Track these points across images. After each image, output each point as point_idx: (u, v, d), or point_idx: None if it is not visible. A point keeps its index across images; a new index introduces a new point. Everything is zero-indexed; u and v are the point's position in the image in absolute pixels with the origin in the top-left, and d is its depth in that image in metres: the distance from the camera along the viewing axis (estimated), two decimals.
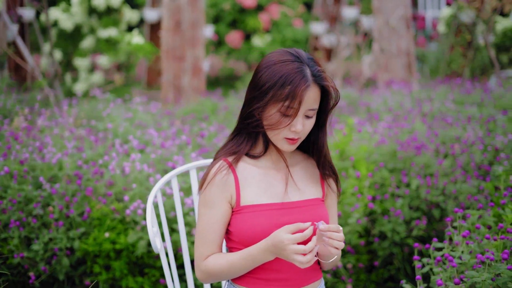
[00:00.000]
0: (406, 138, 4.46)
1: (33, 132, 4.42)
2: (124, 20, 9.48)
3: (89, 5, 9.32)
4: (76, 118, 5.31)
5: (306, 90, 2.17)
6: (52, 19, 9.29)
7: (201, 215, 2.29)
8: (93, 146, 4.25)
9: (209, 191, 2.27)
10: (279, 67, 2.19)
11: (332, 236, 2.13)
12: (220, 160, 2.31)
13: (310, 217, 2.27)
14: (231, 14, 10.65)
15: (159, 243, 2.42)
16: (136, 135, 4.50)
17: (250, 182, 2.29)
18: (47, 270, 3.61)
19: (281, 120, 2.20)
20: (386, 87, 7.25)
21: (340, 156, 4.07)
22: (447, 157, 4.36)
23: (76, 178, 3.81)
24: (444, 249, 2.79)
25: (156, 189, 2.49)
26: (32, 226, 3.65)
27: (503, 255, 2.50)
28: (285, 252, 2.09)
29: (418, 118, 5.13)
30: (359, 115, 5.59)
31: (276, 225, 2.22)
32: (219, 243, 2.29)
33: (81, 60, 9.36)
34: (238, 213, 2.27)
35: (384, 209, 3.95)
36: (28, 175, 3.79)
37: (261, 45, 10.47)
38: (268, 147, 2.35)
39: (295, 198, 2.32)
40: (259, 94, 2.21)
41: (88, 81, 9.36)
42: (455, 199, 4.01)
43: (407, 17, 7.85)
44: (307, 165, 2.41)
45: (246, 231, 2.24)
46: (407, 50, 7.85)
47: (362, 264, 3.85)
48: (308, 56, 2.24)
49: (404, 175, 4.05)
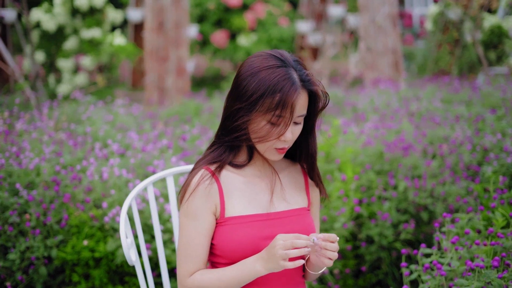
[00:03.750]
0: (393, 138, 4.36)
1: (10, 137, 4.30)
2: (107, 21, 9.34)
3: (72, 6, 9.18)
4: (57, 121, 5.18)
5: (297, 97, 2.05)
6: (34, 20, 9.14)
7: (184, 228, 2.14)
8: (72, 151, 4.13)
9: (192, 201, 2.13)
10: (265, 75, 2.05)
11: (327, 246, 2.01)
12: (202, 169, 2.17)
13: (296, 228, 2.15)
14: (216, 14, 10.54)
15: (134, 255, 2.31)
16: (117, 139, 4.38)
17: (234, 192, 2.16)
18: (24, 280, 3.49)
19: (271, 131, 2.07)
20: (373, 86, 7.15)
21: (326, 158, 3.97)
22: (435, 157, 4.27)
23: (54, 184, 3.69)
24: (433, 256, 2.69)
25: (130, 198, 2.37)
26: (8, 234, 3.52)
27: (493, 262, 2.40)
28: (275, 256, 1.95)
29: (405, 118, 5.04)
30: (345, 115, 5.49)
31: (261, 237, 2.11)
32: (205, 258, 2.15)
33: (65, 61, 9.22)
34: (222, 225, 2.14)
35: (371, 212, 3.86)
36: (5, 182, 3.67)
37: (246, 44, 10.36)
38: (253, 156, 2.22)
39: (280, 208, 2.19)
40: (247, 106, 2.06)
41: (72, 83, 9.22)
42: (444, 201, 3.92)
43: (393, 14, 7.76)
44: (291, 172, 2.29)
45: (230, 244, 2.11)
46: (394, 48, 7.77)
47: (349, 269, 3.75)
48: (293, 58, 2.11)
49: (391, 177, 3.95)
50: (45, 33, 9.30)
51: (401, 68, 7.72)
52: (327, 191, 3.84)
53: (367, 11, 7.70)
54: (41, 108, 5.56)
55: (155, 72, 7.51)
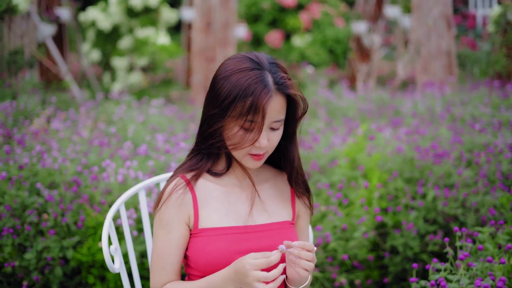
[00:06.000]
0: (427, 145, 4.17)
1: (41, 136, 4.32)
2: (162, 20, 9.38)
3: (127, 5, 9.25)
4: (94, 120, 5.20)
5: (269, 101, 1.92)
6: (90, 18, 9.26)
7: (157, 238, 2.06)
8: (99, 151, 4.11)
9: (165, 211, 2.04)
10: (237, 78, 1.93)
11: (301, 254, 1.88)
12: (177, 177, 2.07)
13: (276, 243, 2.00)
14: (271, 14, 10.44)
15: (118, 262, 2.24)
16: (146, 140, 4.35)
17: (211, 202, 2.05)
18: (39, 280, 3.49)
19: (245, 137, 1.95)
20: (424, 90, 6.93)
21: (351, 165, 3.83)
22: (471, 166, 4.06)
23: (74, 185, 3.68)
24: (441, 272, 2.54)
25: (117, 205, 2.31)
26: (26, 233, 3.53)
27: (498, 283, 2.24)
28: (247, 279, 1.84)
29: (447, 123, 4.83)
30: (383, 119, 5.31)
31: (236, 251, 1.98)
32: (177, 269, 2.06)
33: (119, 60, 9.30)
34: (196, 237, 2.03)
35: (397, 221, 3.70)
36: (27, 181, 3.68)
37: (301, 45, 10.23)
38: (231, 164, 2.10)
39: (260, 220, 2.07)
40: (220, 111, 1.96)
41: (126, 81, 9.29)
42: (476, 212, 3.73)
43: (448, 15, 7.51)
44: (277, 183, 2.16)
45: (203, 257, 2.00)
46: (448, 50, 7.51)
47: (371, 280, 3.60)
48: (270, 60, 1.99)
49: (420, 185, 3.78)
50: (100, 32, 9.40)
51: (455, 71, 7.46)
52: (350, 199, 3.71)
53: (421, 11, 7.47)
54: (79, 107, 5.59)
55: (201, 73, 7.48)
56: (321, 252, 3.40)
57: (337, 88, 6.69)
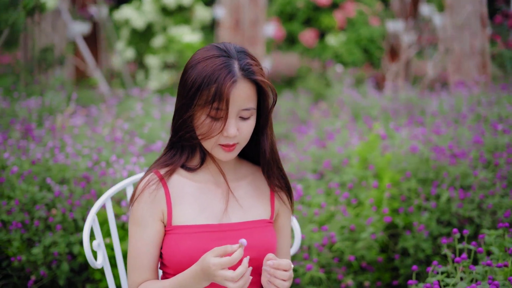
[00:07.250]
0: (444, 145, 4.05)
1: (58, 132, 4.34)
2: (195, 19, 9.40)
3: (160, 4, 9.29)
4: (115, 117, 5.20)
5: (232, 86, 1.87)
6: (124, 17, 9.32)
7: (132, 235, 2.02)
8: (112, 147, 4.11)
9: (138, 208, 2.00)
10: (202, 66, 1.90)
11: (276, 274, 1.85)
12: (151, 173, 2.03)
13: (252, 241, 1.95)
14: (305, 12, 10.37)
15: (101, 258, 2.22)
16: (161, 137, 4.34)
17: (184, 198, 2.00)
18: (46, 275, 3.49)
19: (213, 126, 1.90)
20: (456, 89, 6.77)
21: (362, 164, 3.75)
22: (489, 167, 3.93)
23: (84, 180, 3.68)
24: (438, 275, 2.46)
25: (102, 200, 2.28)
26: (35, 228, 3.54)
27: (491, 287, 2.15)
28: (215, 278, 1.80)
29: (469, 123, 4.70)
30: (404, 119, 5.19)
31: (209, 250, 1.91)
32: (153, 267, 2.01)
33: (152, 58, 9.34)
34: (169, 234, 1.99)
35: (409, 223, 3.61)
36: (39, 176, 3.69)
37: (335, 44, 10.13)
38: (205, 159, 2.05)
39: (236, 218, 2.01)
40: (187, 101, 1.92)
41: (161, 79, 9.33)
42: (493, 214, 3.61)
43: (482, 14, 7.33)
44: (256, 180, 2.10)
45: (175, 255, 1.96)
46: (482, 49, 7.34)
47: (381, 282, 3.52)
48: (239, 49, 1.94)
49: (435, 186, 3.68)
50: (134, 30, 9.46)
51: (488, 70, 7.28)
52: (360, 199, 3.63)
53: (454, 10, 7.30)
54: (100, 104, 5.61)
55: None
56: (327, 253, 3.33)
57: (363, 87, 6.59)
